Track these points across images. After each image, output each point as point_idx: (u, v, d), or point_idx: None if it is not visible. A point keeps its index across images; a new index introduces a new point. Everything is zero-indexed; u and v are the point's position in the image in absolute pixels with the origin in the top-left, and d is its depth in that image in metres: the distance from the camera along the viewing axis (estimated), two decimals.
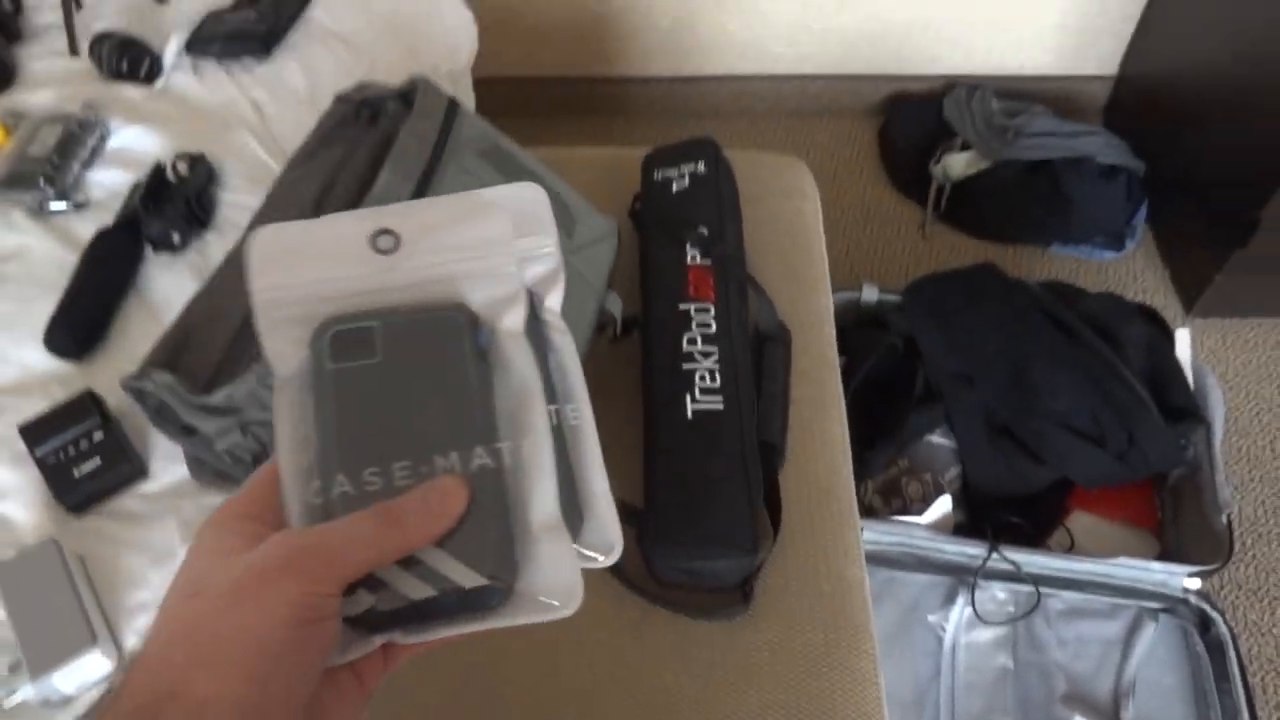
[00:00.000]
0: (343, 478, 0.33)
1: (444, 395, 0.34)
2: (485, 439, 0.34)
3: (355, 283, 0.35)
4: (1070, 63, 1.84)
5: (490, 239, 0.37)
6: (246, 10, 1.12)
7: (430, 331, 0.35)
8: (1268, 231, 1.37)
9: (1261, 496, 1.37)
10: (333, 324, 0.34)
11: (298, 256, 0.35)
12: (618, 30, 1.82)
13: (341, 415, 0.33)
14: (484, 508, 0.33)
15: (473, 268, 0.36)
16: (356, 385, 0.34)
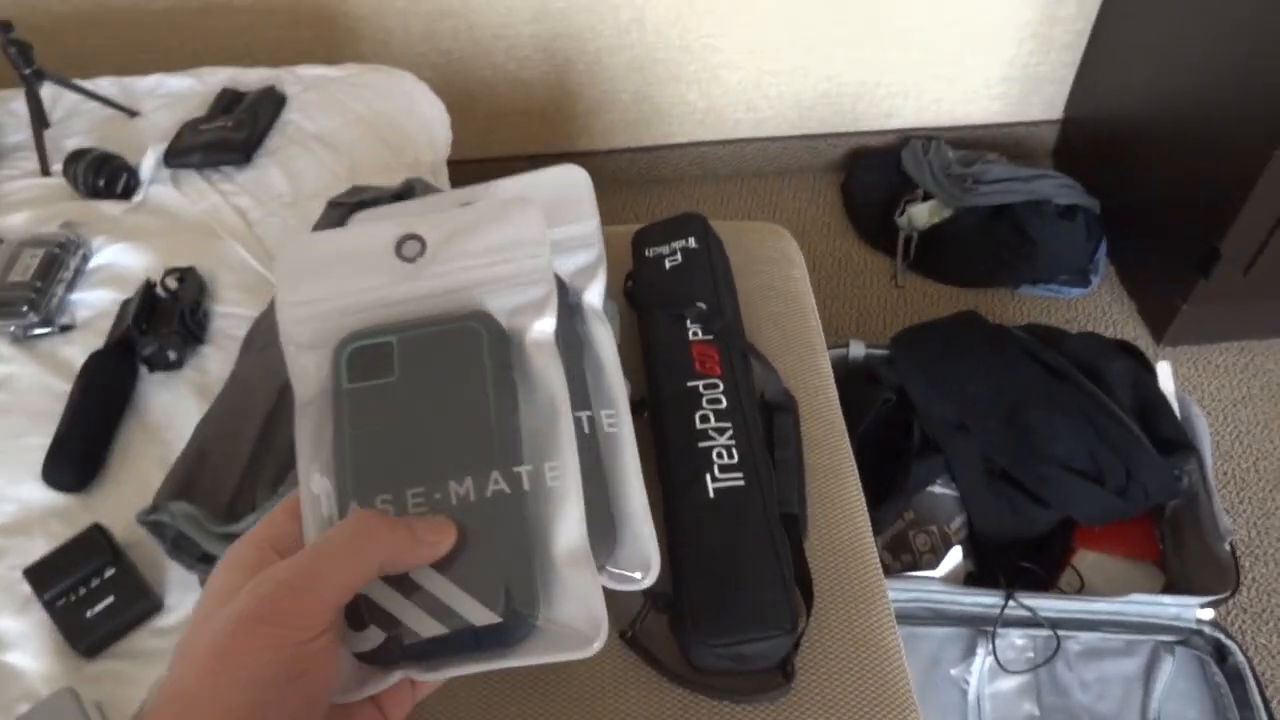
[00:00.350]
0: (355, 505, 0.31)
1: (461, 415, 0.32)
2: (503, 463, 0.32)
3: (378, 293, 0.34)
4: (1017, 110, 1.92)
5: (520, 240, 0.35)
6: (222, 119, 1.11)
7: (449, 345, 0.33)
8: (1229, 262, 1.42)
9: (1253, 518, 1.39)
10: (351, 340, 0.33)
11: (323, 268, 0.34)
12: (579, 107, 1.85)
13: (356, 438, 0.32)
14: (499, 538, 0.31)
15: (499, 272, 0.34)
16: (373, 406, 0.32)
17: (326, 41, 1.69)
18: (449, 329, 0.33)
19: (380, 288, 0.34)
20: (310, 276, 0.34)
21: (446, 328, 0.33)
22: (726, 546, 0.81)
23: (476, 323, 0.34)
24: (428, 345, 0.33)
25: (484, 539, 0.31)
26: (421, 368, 0.33)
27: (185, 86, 1.22)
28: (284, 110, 1.17)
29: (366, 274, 0.34)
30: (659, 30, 1.73)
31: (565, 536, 0.32)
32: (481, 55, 1.76)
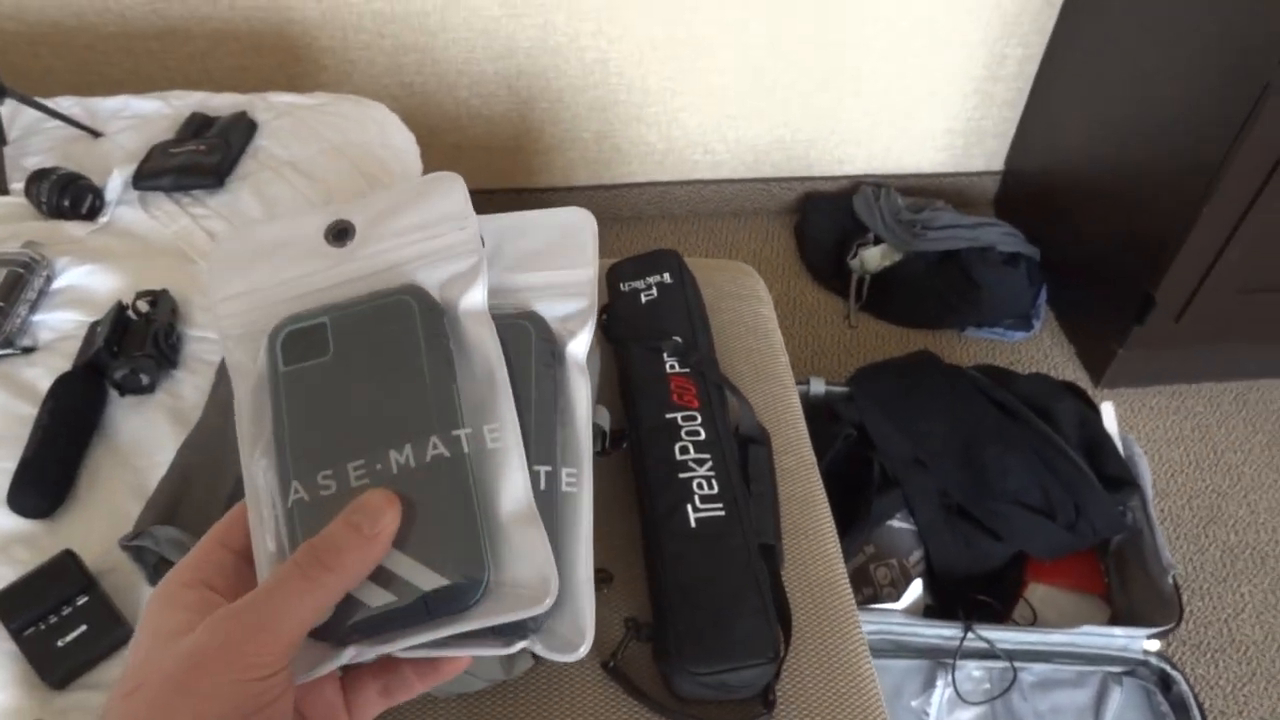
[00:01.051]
0: (297, 484, 0.31)
1: (397, 386, 0.33)
2: (441, 427, 0.32)
3: (311, 280, 0.34)
4: (961, 160, 2.00)
5: (446, 214, 0.35)
6: (193, 142, 1.10)
7: (381, 321, 0.33)
8: (1162, 309, 1.50)
9: (1188, 554, 1.46)
10: (285, 325, 0.33)
11: (254, 261, 0.34)
12: (541, 144, 1.88)
13: (294, 420, 0.32)
14: (443, 502, 0.31)
15: (427, 247, 0.35)
16: (309, 385, 0.32)
17: (289, 70, 1.68)
18: (380, 304, 0.34)
19: (312, 274, 0.34)
20: (242, 270, 0.34)
21: (378, 303, 0.34)
22: (709, 576, 0.82)
23: (407, 295, 0.34)
24: (360, 322, 0.33)
25: (428, 504, 0.31)
26: (355, 344, 0.33)
27: (152, 109, 1.20)
28: (256, 136, 1.16)
29: (297, 262, 0.34)
30: (622, 72, 1.77)
31: (510, 496, 0.32)
32: (445, 90, 1.77)
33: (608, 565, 0.86)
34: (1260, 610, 1.39)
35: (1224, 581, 1.42)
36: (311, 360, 0.33)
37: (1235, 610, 1.39)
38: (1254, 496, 1.52)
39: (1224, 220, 1.39)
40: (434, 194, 0.35)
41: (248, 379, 0.33)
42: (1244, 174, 1.32)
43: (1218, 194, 1.35)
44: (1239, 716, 1.28)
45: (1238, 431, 1.62)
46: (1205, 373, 1.68)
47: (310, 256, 0.34)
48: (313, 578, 0.29)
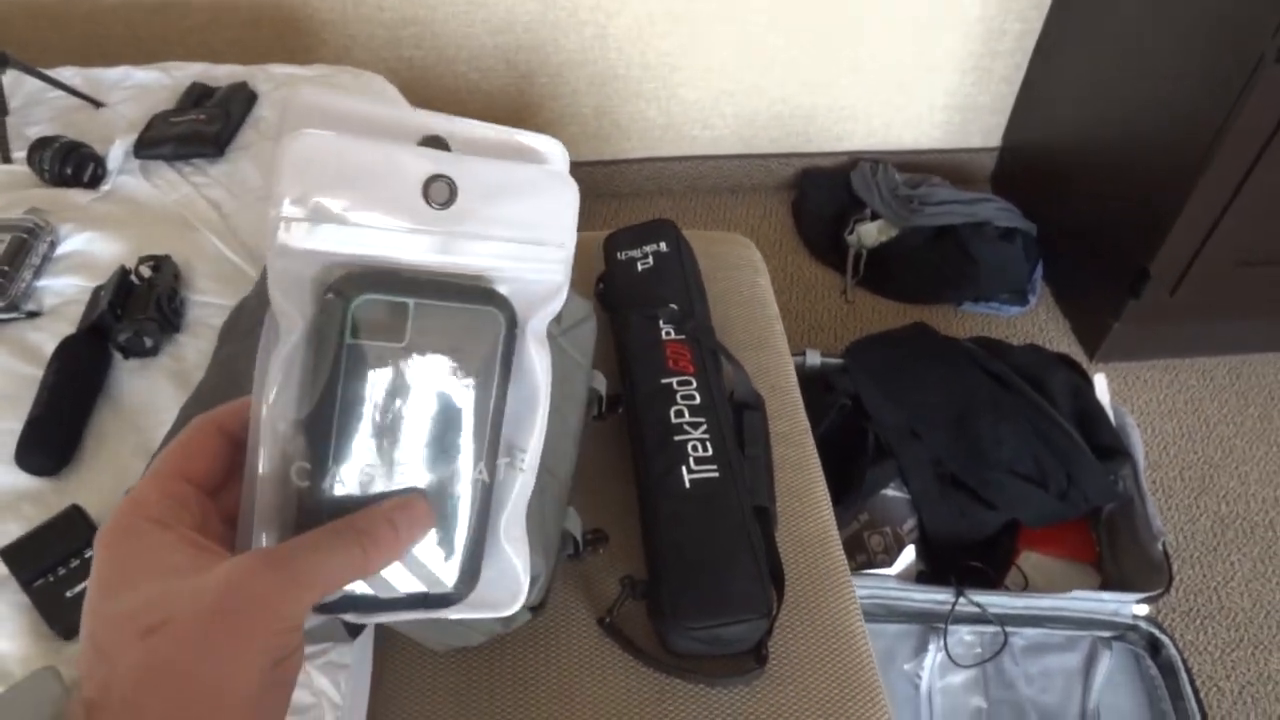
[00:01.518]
0: (338, 471, 0.30)
1: (461, 400, 0.32)
2: (489, 456, 0.32)
3: (397, 239, 0.30)
4: (959, 137, 2.01)
5: (551, 223, 0.32)
6: (193, 112, 1.11)
7: (465, 325, 0.31)
8: (1157, 283, 1.51)
9: (1179, 524, 1.47)
10: (360, 288, 0.29)
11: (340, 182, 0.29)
12: (540, 119, 1.88)
13: (348, 396, 0.30)
14: (467, 520, 0.32)
15: (524, 252, 0.32)
16: (372, 366, 0.30)
17: (288, 43, 1.68)
18: (469, 309, 0.31)
19: (400, 233, 0.30)
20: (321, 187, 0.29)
21: (467, 307, 0.31)
22: (703, 534, 0.84)
23: (497, 308, 0.32)
24: (444, 319, 0.31)
25: (453, 520, 0.32)
26: (433, 341, 0.31)
27: (153, 79, 1.21)
28: (256, 106, 1.17)
29: (388, 208, 0.29)
30: (621, 47, 1.77)
31: (513, 515, 0.33)
32: (444, 64, 1.77)
33: (604, 527, 0.87)
34: (1249, 579, 1.41)
35: (1214, 551, 1.44)
36: (382, 340, 0.30)
37: (1225, 579, 1.41)
38: (1245, 468, 1.54)
39: (1219, 194, 1.39)
40: (549, 191, 0.32)
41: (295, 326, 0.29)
42: (1238, 147, 1.33)
43: (1212, 167, 1.35)
44: (1226, 680, 1.30)
45: (1230, 405, 1.63)
46: (1199, 347, 1.69)
47: (403, 207, 0.30)
48: (350, 555, 0.29)
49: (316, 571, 0.29)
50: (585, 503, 0.84)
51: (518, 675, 0.79)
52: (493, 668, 0.79)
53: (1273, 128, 1.30)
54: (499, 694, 0.78)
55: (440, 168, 0.30)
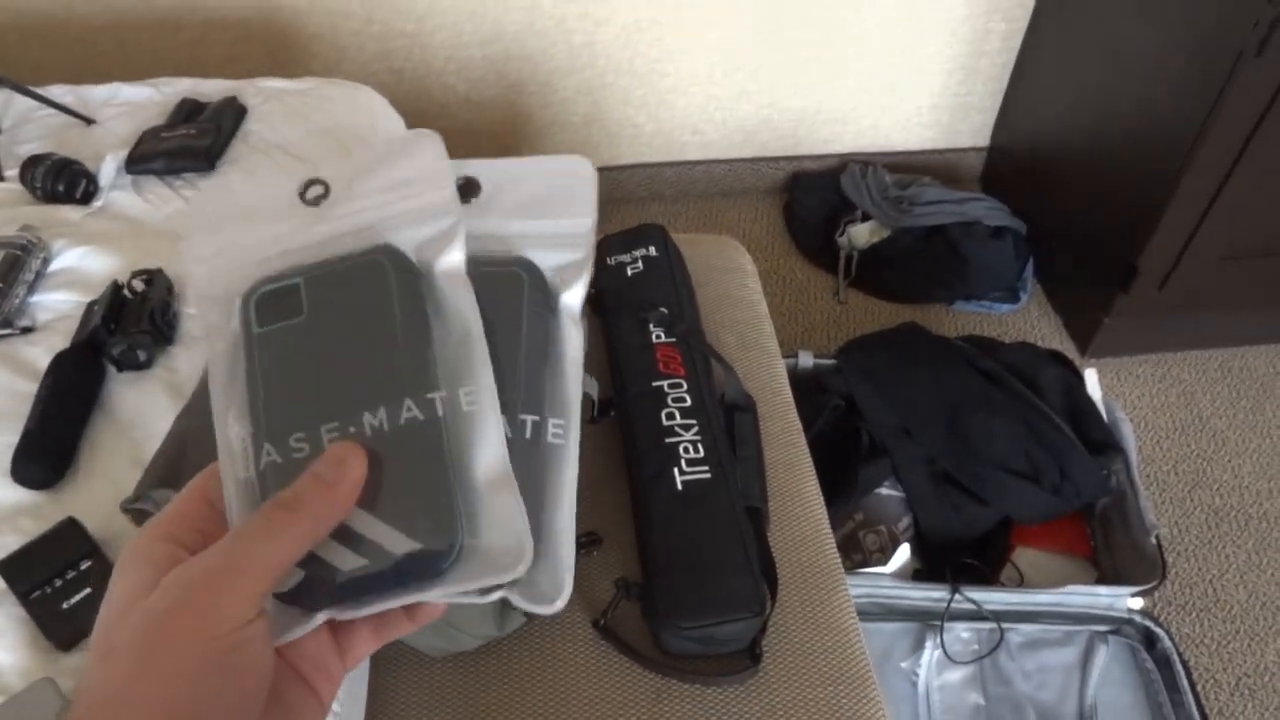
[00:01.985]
0: (270, 447, 0.31)
1: (371, 347, 0.32)
2: (415, 390, 0.32)
3: (285, 240, 0.33)
4: (948, 137, 2.02)
5: (423, 174, 0.34)
6: (184, 127, 1.12)
7: (356, 281, 0.33)
8: (1146, 276, 1.52)
9: (1173, 517, 1.48)
10: (259, 286, 0.33)
11: (227, 221, 0.34)
12: (530, 129, 1.89)
13: (268, 380, 0.32)
14: (416, 465, 0.31)
15: (403, 207, 0.34)
16: (283, 347, 0.32)
17: (279, 58, 1.69)
18: (354, 265, 0.33)
19: (285, 234, 0.33)
20: (213, 231, 0.34)
21: (351, 264, 0.33)
22: (696, 535, 0.84)
23: (381, 256, 0.33)
24: (334, 283, 0.33)
25: (401, 468, 0.31)
26: (329, 306, 0.32)
27: (143, 96, 1.22)
28: (245, 120, 1.18)
29: (270, 222, 0.33)
30: (609, 55, 1.78)
31: (485, 460, 0.31)
32: (433, 76, 1.78)
33: (598, 530, 0.88)
34: (1244, 571, 1.41)
35: (1209, 544, 1.45)
36: (285, 321, 0.32)
37: (1220, 571, 1.41)
38: (1238, 461, 1.55)
39: (1204, 188, 1.40)
40: (411, 152, 0.34)
41: (222, 340, 0.33)
42: (1221, 142, 1.34)
43: (1196, 163, 1.36)
44: (1222, 673, 1.31)
45: (1222, 398, 1.64)
46: (1189, 341, 1.70)
47: (283, 217, 0.33)
48: (276, 522, 0.28)
49: (242, 559, 0.28)
50: (578, 506, 0.85)
51: (513, 679, 0.80)
52: (488, 672, 0.80)
53: (1254, 122, 1.31)
54: (495, 699, 0.78)
55: (309, 173, 0.34)
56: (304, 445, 0.31)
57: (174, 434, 0.72)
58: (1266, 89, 1.27)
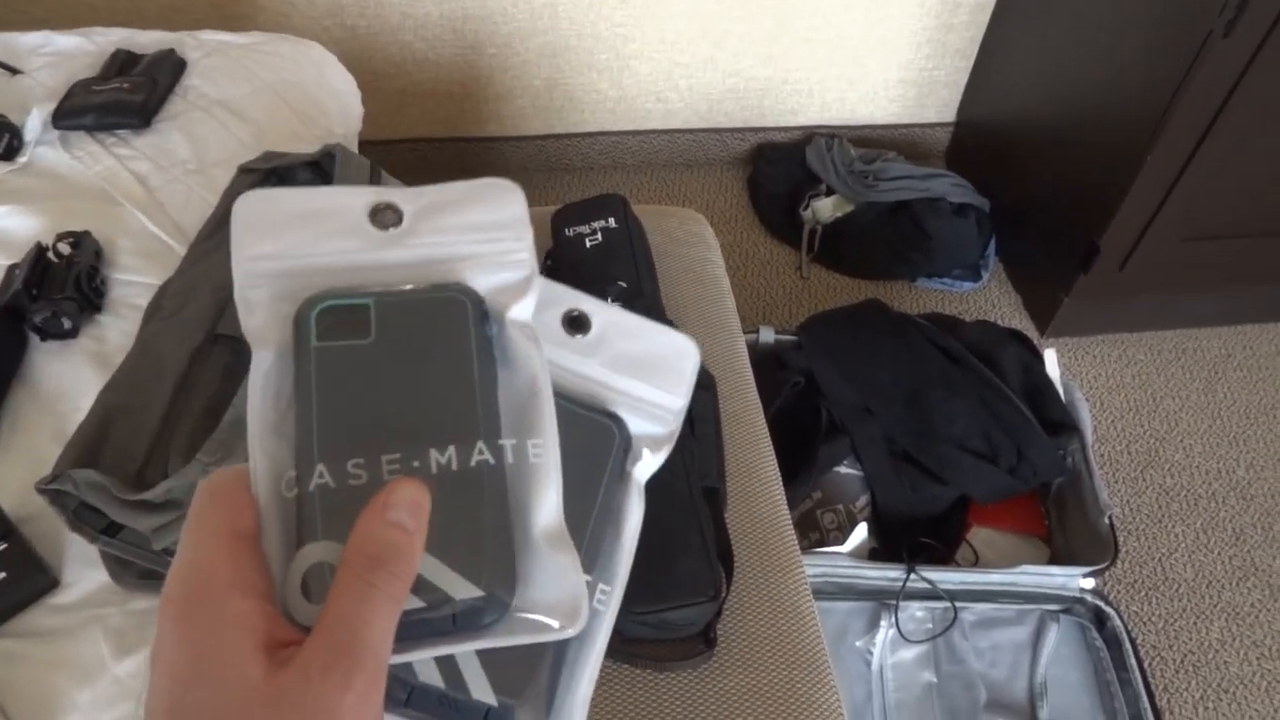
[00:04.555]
0: (323, 468, 0.29)
1: (443, 384, 0.31)
2: (488, 434, 0.30)
3: (351, 257, 0.31)
4: (914, 112, 2.00)
5: (502, 221, 0.33)
6: (117, 80, 1.05)
7: (431, 313, 0.31)
8: (1107, 256, 1.52)
9: (1126, 496, 1.50)
10: (322, 299, 0.31)
11: (288, 225, 0.31)
12: (489, 91, 1.83)
13: (324, 398, 0.30)
14: (481, 510, 0.29)
15: (480, 250, 0.33)
16: (344, 366, 0.30)
17: (224, 10, 1.62)
18: (431, 296, 0.31)
19: (352, 252, 0.31)
20: (273, 232, 0.31)
21: (428, 295, 0.31)
22: (650, 517, 0.82)
23: (460, 293, 0.32)
24: (408, 310, 0.31)
25: (465, 510, 0.29)
26: (400, 333, 0.31)
27: (74, 45, 1.15)
28: (185, 75, 1.11)
29: (337, 236, 0.31)
30: (572, 17, 1.73)
31: (545, 515, 0.31)
32: (388, 33, 1.72)
33: None
34: (1192, 550, 1.43)
35: (1159, 523, 1.46)
36: (350, 340, 0.30)
37: (1169, 550, 1.43)
38: (1189, 441, 1.57)
39: (1167, 169, 1.40)
40: (491, 199, 0.33)
41: (268, 349, 0.30)
42: (1186, 123, 1.34)
43: (1161, 143, 1.36)
44: (1169, 650, 1.33)
45: (1176, 379, 1.65)
46: (1147, 321, 1.71)
47: (351, 233, 0.32)
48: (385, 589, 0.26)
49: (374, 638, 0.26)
50: None
51: None
52: None
53: (1219, 103, 1.30)
54: None
55: (383, 198, 0.32)
56: (361, 473, 0.29)
57: (97, 410, 0.68)
58: (1233, 71, 1.26)
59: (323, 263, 0.31)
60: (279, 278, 0.31)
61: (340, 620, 0.26)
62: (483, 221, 0.33)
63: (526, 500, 0.30)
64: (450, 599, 0.28)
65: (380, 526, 0.27)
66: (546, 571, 0.30)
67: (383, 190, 0.32)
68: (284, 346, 0.30)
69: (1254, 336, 1.72)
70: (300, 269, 0.31)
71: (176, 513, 0.62)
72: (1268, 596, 1.38)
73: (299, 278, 0.31)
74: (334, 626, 0.26)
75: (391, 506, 0.27)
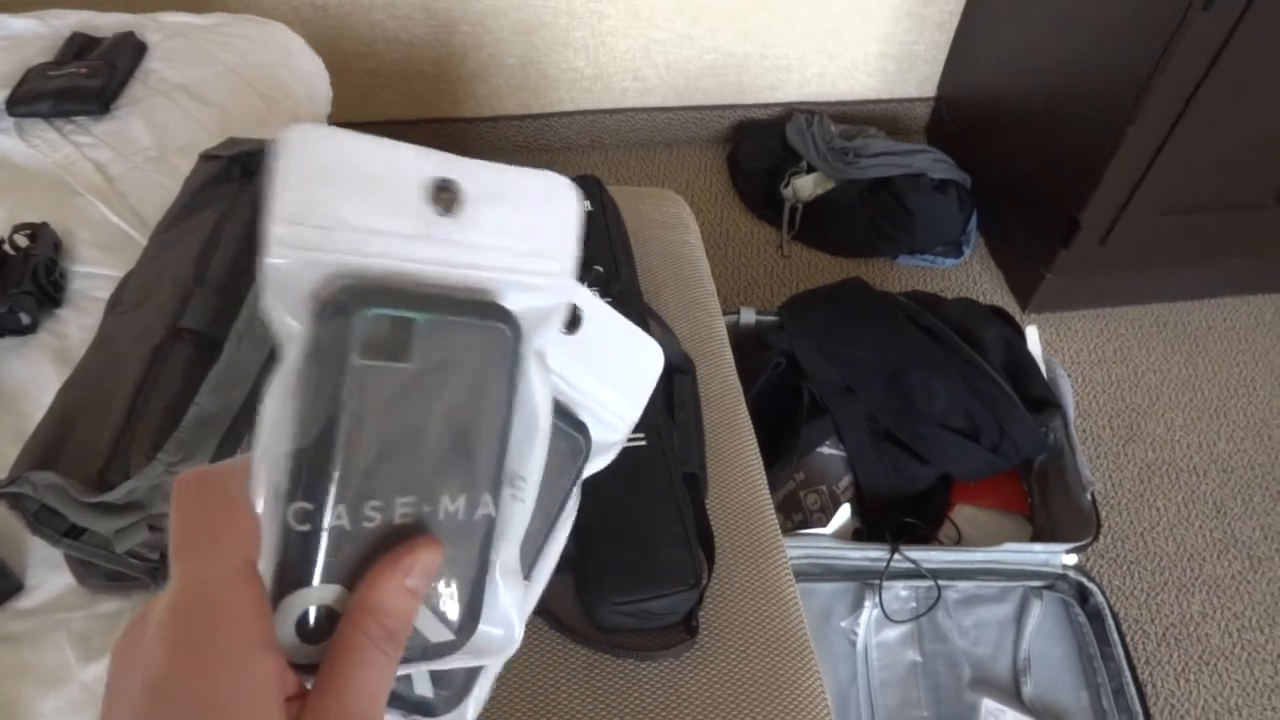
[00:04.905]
0: (342, 510, 0.27)
1: (470, 426, 0.29)
2: (494, 485, 0.30)
3: (403, 246, 0.27)
4: (894, 86, 1.98)
5: (551, 231, 0.30)
6: (74, 65, 1.02)
7: (473, 344, 0.29)
8: (1088, 231, 1.51)
9: (1107, 471, 1.50)
10: (372, 301, 0.27)
11: (339, 183, 0.26)
12: (464, 71, 1.80)
13: (353, 427, 0.27)
14: (471, 558, 0.29)
15: (524, 265, 0.30)
16: (379, 393, 0.27)
17: None
18: (478, 326, 0.29)
19: (406, 237, 0.27)
20: (329, 187, 0.26)
21: (476, 323, 0.29)
22: (630, 506, 0.81)
23: (505, 324, 0.29)
24: (452, 336, 0.28)
25: (459, 561, 0.29)
26: (439, 361, 0.28)
27: (28, 29, 1.11)
28: (145, 59, 1.08)
29: (392, 212, 0.27)
30: None
31: (509, 553, 0.30)
32: (359, 12, 1.68)
33: None
34: (1173, 523, 1.44)
35: (1141, 497, 1.47)
36: (390, 362, 0.27)
37: (1151, 524, 1.44)
38: (1170, 415, 1.57)
39: (1147, 143, 1.39)
40: (553, 200, 0.30)
41: (299, 344, 0.26)
42: (1166, 97, 1.33)
43: (1141, 117, 1.35)
44: (1150, 624, 1.34)
45: (1157, 352, 1.66)
46: (1128, 295, 1.71)
47: (407, 210, 0.27)
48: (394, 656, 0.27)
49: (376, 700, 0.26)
50: None
51: None
52: None
53: (1200, 77, 1.29)
54: None
55: (442, 170, 0.28)
56: (376, 515, 0.27)
57: (57, 408, 0.66)
58: (1213, 44, 1.25)
59: (372, 245, 0.27)
60: (325, 253, 0.26)
61: (358, 692, 0.26)
62: (534, 226, 0.30)
63: (499, 540, 0.30)
64: (423, 640, 0.28)
65: (400, 595, 0.27)
66: (496, 608, 0.30)
67: (448, 160, 0.28)
68: (315, 346, 0.26)
69: (1234, 309, 1.73)
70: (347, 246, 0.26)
71: (139, 515, 0.61)
72: (1248, 568, 1.39)
73: (346, 258, 0.26)
74: (350, 696, 0.26)
75: (413, 573, 0.27)
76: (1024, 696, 1.15)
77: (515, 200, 0.29)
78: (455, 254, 0.28)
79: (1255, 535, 1.42)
